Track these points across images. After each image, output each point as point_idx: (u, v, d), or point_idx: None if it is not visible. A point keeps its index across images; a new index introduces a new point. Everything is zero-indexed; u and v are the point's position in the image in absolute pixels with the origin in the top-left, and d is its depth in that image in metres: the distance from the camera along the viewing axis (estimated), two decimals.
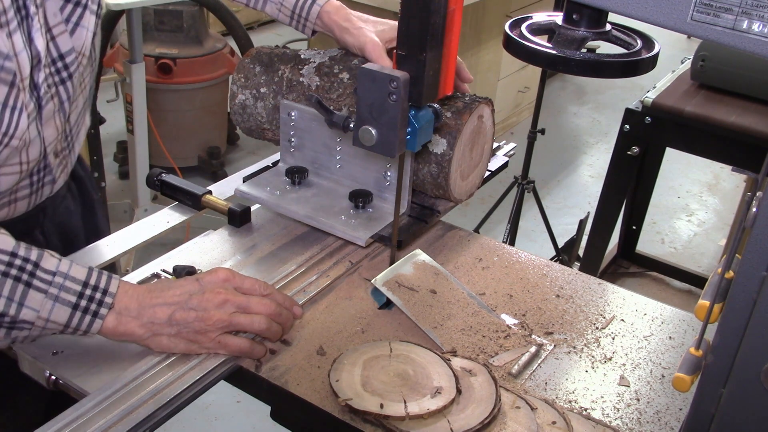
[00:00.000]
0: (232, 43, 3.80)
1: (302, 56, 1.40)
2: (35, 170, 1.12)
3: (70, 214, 1.32)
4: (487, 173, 1.49)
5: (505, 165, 1.59)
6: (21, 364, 1.03)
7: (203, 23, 3.72)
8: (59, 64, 1.06)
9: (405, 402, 0.96)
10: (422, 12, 0.95)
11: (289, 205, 1.33)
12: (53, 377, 0.99)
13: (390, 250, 1.25)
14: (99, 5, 1.12)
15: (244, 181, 1.40)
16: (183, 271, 1.13)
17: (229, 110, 1.62)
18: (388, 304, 1.17)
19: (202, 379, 0.99)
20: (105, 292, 0.95)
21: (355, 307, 1.18)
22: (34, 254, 0.92)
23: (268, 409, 1.08)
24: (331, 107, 1.33)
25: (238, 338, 1.01)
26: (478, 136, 1.34)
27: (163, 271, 1.19)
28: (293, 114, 1.37)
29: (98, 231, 1.39)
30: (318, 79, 1.36)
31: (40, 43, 0.99)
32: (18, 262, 0.90)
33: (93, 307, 0.94)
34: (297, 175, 1.37)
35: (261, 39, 5.45)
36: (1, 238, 0.91)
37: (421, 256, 1.24)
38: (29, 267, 0.90)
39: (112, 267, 1.25)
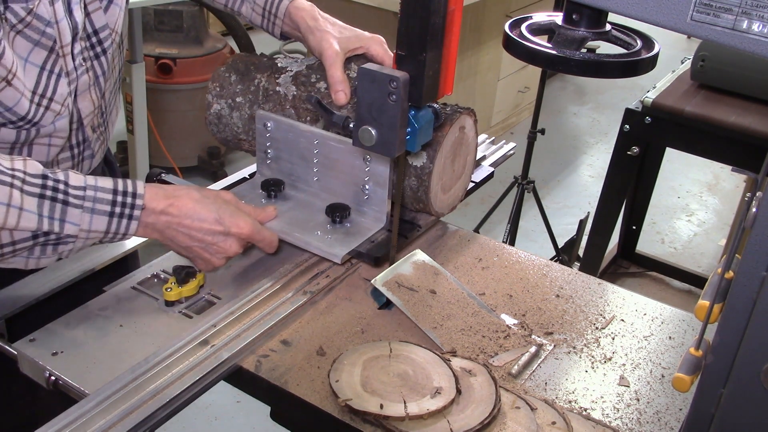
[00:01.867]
0: (232, 43, 3.81)
1: (279, 65, 1.36)
2: (75, 142, 1.18)
3: None
4: (471, 185, 1.43)
5: (490, 176, 1.53)
6: (21, 365, 1.03)
7: (203, 23, 3.72)
8: (94, 39, 1.12)
9: (405, 402, 0.96)
10: (422, 12, 0.95)
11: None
12: (53, 377, 0.99)
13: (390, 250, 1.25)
14: None
15: None
16: (183, 272, 1.13)
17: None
18: (387, 304, 1.17)
19: (202, 379, 0.99)
20: (134, 194, 1.02)
21: (354, 307, 1.18)
22: (61, 175, 0.98)
23: (268, 409, 1.08)
24: (308, 117, 1.30)
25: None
26: (459, 147, 1.30)
27: (163, 271, 1.19)
28: (269, 125, 1.33)
29: None
30: (295, 88, 1.32)
31: (78, 15, 1.06)
32: (50, 183, 0.96)
33: (127, 210, 1.01)
34: (273, 189, 1.32)
35: (261, 39, 5.41)
36: (29, 163, 0.96)
37: (420, 256, 1.23)
38: (61, 186, 0.97)
39: (121, 262, 1.26)
